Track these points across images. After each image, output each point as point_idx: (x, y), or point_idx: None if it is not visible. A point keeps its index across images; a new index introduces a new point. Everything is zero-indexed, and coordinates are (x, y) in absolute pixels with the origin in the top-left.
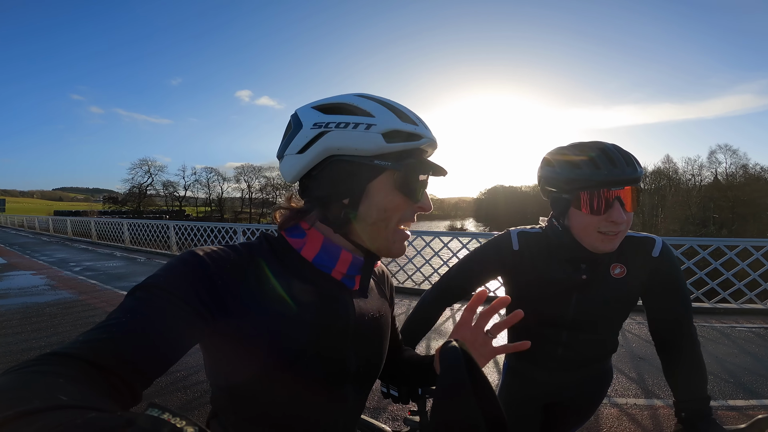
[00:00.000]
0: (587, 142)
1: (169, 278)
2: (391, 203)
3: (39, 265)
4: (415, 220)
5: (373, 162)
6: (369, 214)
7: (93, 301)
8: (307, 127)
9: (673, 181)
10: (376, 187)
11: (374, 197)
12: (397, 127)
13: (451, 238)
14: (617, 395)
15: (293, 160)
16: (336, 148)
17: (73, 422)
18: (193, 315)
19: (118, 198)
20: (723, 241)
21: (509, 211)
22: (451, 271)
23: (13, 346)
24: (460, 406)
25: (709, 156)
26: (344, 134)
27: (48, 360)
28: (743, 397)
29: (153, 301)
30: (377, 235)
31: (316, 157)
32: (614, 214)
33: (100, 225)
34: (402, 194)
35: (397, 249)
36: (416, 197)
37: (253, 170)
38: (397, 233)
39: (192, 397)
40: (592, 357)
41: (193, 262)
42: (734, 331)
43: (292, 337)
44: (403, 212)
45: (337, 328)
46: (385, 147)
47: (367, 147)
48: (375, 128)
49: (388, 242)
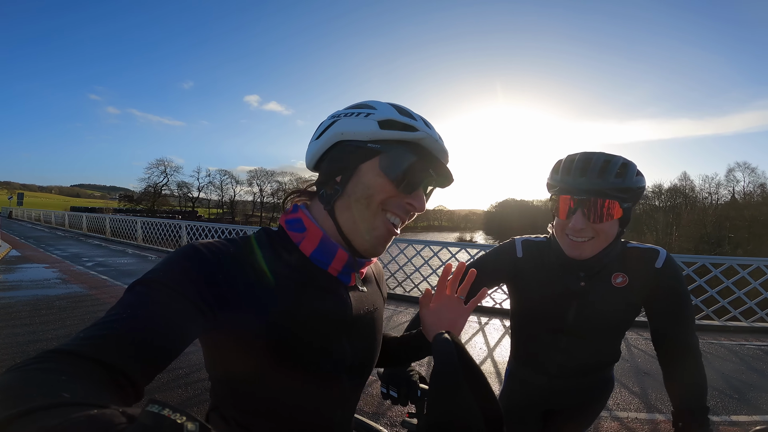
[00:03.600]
0: (584, 152)
1: (168, 273)
2: (374, 182)
3: (52, 258)
4: (407, 216)
5: (366, 145)
6: (354, 190)
7: (102, 296)
8: (328, 119)
9: (689, 199)
10: (366, 168)
11: (362, 177)
12: (392, 117)
13: (459, 249)
14: (619, 409)
15: (312, 146)
16: (341, 133)
17: (75, 419)
18: (192, 309)
19: (133, 196)
20: (736, 260)
21: (520, 225)
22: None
23: (21, 337)
24: (454, 393)
25: (727, 174)
26: (349, 120)
27: (49, 357)
28: (747, 413)
29: (152, 296)
30: (359, 216)
31: (328, 141)
32: (574, 219)
33: (115, 222)
34: (387, 177)
35: (375, 239)
36: (403, 187)
37: (265, 174)
38: (378, 217)
39: (193, 393)
40: (591, 365)
41: (192, 256)
42: (743, 349)
43: (290, 329)
44: (389, 197)
45: (335, 321)
46: (379, 132)
47: (362, 130)
48: (372, 116)
49: (369, 225)
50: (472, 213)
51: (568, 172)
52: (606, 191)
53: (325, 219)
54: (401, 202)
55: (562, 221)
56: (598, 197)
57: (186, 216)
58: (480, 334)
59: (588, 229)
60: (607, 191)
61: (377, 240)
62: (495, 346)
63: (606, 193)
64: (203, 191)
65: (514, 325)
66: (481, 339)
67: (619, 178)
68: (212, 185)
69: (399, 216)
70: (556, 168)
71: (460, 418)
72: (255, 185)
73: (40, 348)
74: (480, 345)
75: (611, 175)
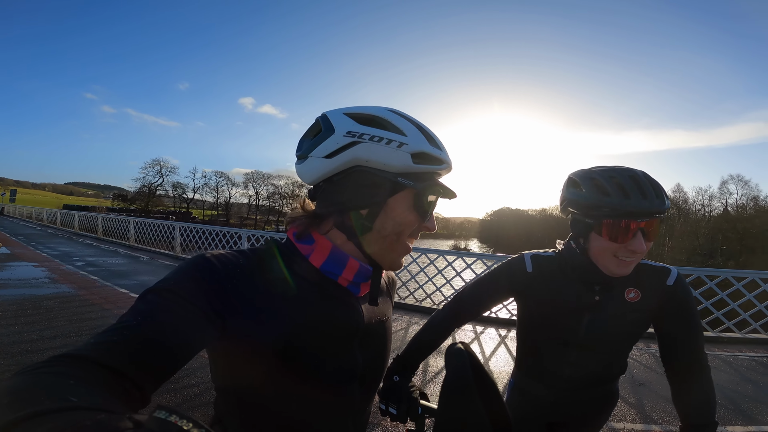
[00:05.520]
0: (617, 168)
1: (179, 282)
2: (405, 219)
3: (42, 257)
4: (418, 237)
5: (397, 179)
6: (384, 227)
7: (91, 297)
8: (340, 134)
9: (682, 211)
10: (395, 203)
11: (392, 212)
12: (425, 150)
13: (455, 258)
14: (615, 420)
15: (318, 163)
16: (365, 160)
17: (82, 423)
18: (202, 319)
19: (127, 196)
20: (731, 272)
21: (515, 234)
22: (463, 295)
23: (5, 338)
24: (466, 406)
25: (720, 186)
26: (376, 148)
27: (59, 361)
28: (742, 423)
29: (164, 304)
30: (387, 248)
31: (344, 164)
32: (635, 243)
33: (107, 221)
34: (416, 212)
35: (399, 263)
36: (427, 217)
37: (261, 177)
38: (402, 247)
39: (193, 394)
40: (599, 377)
41: (203, 267)
42: (737, 360)
43: (300, 340)
44: (413, 228)
45: (346, 332)
46: (412, 167)
47: (395, 164)
48: (406, 147)
49: (395, 255)
50: (467, 221)
51: (626, 195)
52: (663, 212)
53: (334, 233)
54: (419, 227)
55: (614, 244)
56: (656, 218)
57: (180, 217)
58: (475, 343)
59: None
60: (663, 212)
61: (399, 265)
62: (491, 355)
63: (662, 213)
64: (198, 192)
65: (521, 337)
66: (477, 349)
67: (666, 198)
68: (208, 187)
69: (414, 239)
70: (603, 189)
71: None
72: (251, 188)
73: (25, 349)
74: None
75: (663, 194)
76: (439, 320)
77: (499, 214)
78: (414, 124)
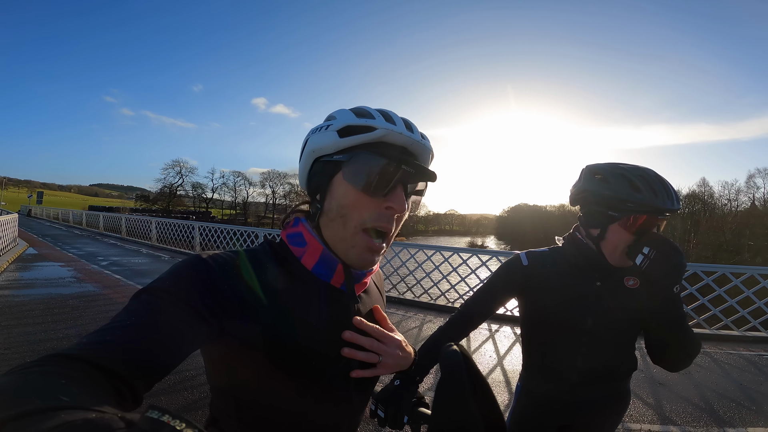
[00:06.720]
0: (639, 166)
1: (174, 281)
2: (345, 197)
3: (68, 257)
4: (392, 223)
5: (333, 158)
6: (330, 208)
7: (115, 295)
8: (305, 138)
9: (708, 206)
10: (336, 182)
11: (334, 192)
12: (349, 122)
13: (470, 255)
14: (632, 420)
15: (299, 167)
16: (312, 150)
17: (72, 423)
18: (197, 319)
19: (149, 196)
20: (757, 270)
21: (532, 230)
22: (469, 300)
23: (32, 336)
24: (461, 408)
25: (747, 180)
26: (316, 136)
27: (50, 361)
28: (763, 425)
29: (158, 304)
30: (337, 234)
31: (307, 161)
32: None
33: (130, 222)
34: (354, 186)
35: (357, 255)
36: (373, 190)
37: (278, 176)
38: (357, 236)
39: (197, 397)
40: (610, 371)
41: (198, 267)
42: (762, 360)
43: (294, 339)
44: (368, 211)
45: (340, 331)
46: (340, 142)
47: (326, 143)
48: (332, 126)
49: (346, 243)
50: (484, 217)
51: (654, 194)
52: (677, 211)
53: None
54: (380, 210)
55: (629, 236)
56: (668, 217)
57: (200, 217)
58: (490, 341)
59: None
60: (677, 211)
61: (361, 256)
62: (505, 354)
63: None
64: (217, 192)
65: (528, 336)
66: (491, 347)
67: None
68: (226, 186)
69: (383, 226)
70: (634, 185)
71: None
72: (267, 187)
73: (52, 347)
74: (490, 353)
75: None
76: (451, 326)
77: (516, 210)
78: (351, 109)
